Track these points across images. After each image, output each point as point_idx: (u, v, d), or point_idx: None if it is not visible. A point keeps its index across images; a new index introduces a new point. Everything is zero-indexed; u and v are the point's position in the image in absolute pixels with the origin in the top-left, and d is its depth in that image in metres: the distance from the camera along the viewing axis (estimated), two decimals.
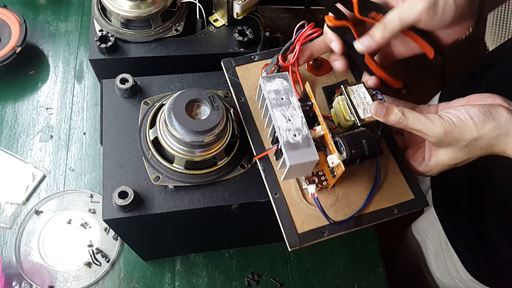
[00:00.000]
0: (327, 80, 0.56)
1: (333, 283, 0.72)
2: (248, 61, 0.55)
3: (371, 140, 0.47)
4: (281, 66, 0.51)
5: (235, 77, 0.53)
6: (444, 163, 0.48)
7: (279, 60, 0.51)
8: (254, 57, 0.55)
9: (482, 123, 0.43)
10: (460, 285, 0.75)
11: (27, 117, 0.80)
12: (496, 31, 1.38)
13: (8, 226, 0.71)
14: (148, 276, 0.70)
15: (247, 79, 0.54)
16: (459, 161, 0.47)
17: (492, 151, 0.45)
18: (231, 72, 0.54)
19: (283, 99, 0.46)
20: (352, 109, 0.48)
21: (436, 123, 0.44)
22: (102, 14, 0.64)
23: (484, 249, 0.65)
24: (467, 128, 0.44)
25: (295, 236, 0.46)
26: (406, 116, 0.45)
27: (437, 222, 0.73)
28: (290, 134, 0.43)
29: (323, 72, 0.56)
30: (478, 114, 0.44)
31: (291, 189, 0.48)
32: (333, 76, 0.56)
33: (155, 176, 0.49)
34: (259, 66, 0.55)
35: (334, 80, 0.56)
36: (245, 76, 0.54)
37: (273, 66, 0.52)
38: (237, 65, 0.54)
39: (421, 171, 0.51)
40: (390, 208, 0.49)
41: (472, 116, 0.44)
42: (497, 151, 0.45)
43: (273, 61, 0.52)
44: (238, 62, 0.55)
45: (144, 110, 0.53)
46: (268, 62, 0.54)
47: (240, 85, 0.53)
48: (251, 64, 0.55)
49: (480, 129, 0.43)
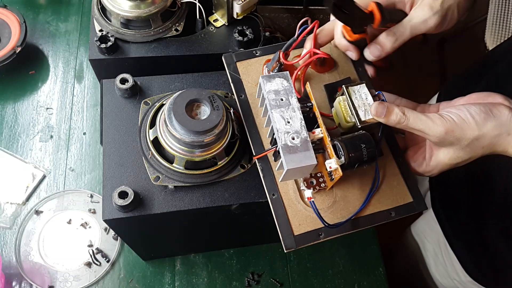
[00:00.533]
0: (330, 78, 0.55)
1: (333, 283, 0.72)
2: (249, 56, 0.54)
3: (371, 144, 0.46)
4: (282, 63, 0.51)
5: (236, 73, 0.53)
6: (445, 162, 0.47)
7: (280, 57, 0.50)
8: (256, 52, 0.54)
9: (483, 121, 0.43)
10: (459, 287, 0.75)
11: (27, 117, 0.80)
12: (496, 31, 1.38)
13: (8, 226, 0.71)
14: (148, 276, 0.70)
15: (248, 75, 0.53)
16: (460, 160, 0.46)
17: (494, 150, 0.45)
18: (232, 68, 0.53)
19: (283, 100, 0.45)
20: (353, 110, 0.47)
21: (437, 122, 0.44)
22: (102, 14, 0.64)
23: (483, 250, 0.65)
24: (469, 127, 0.43)
25: (291, 238, 0.46)
26: (406, 116, 0.45)
27: (435, 224, 0.73)
28: (289, 137, 0.43)
29: (326, 69, 0.55)
30: (479, 113, 0.43)
31: (289, 190, 0.48)
32: (335, 73, 0.55)
33: (155, 176, 0.49)
34: (261, 62, 0.54)
35: (337, 77, 0.55)
36: (246, 72, 0.53)
37: (275, 63, 0.51)
38: (239, 60, 0.54)
39: (421, 171, 0.51)
40: (388, 210, 0.49)
41: (473, 115, 0.43)
42: (498, 150, 0.44)
43: (275, 58, 0.51)
44: (239, 57, 0.54)
45: (144, 110, 0.53)
46: (270, 58, 0.54)
47: (241, 81, 0.52)
48: (252, 60, 0.54)
49: (482, 127, 0.43)
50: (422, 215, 0.89)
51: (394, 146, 0.52)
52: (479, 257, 0.67)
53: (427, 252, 0.84)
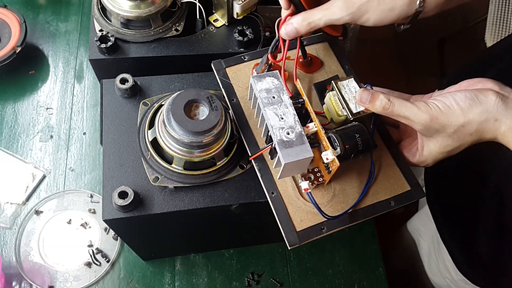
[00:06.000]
0: (318, 77, 0.56)
1: (333, 283, 0.72)
2: (238, 61, 0.55)
3: (365, 134, 0.47)
4: (271, 65, 0.52)
5: (226, 78, 0.53)
6: (437, 151, 0.47)
7: (269, 58, 0.51)
8: (244, 57, 0.55)
9: (468, 108, 0.43)
10: (451, 285, 0.75)
11: (27, 117, 0.80)
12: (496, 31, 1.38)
13: (8, 226, 0.71)
14: (148, 276, 0.70)
15: (238, 79, 0.54)
16: (450, 148, 0.46)
17: (483, 137, 0.44)
18: (221, 74, 0.54)
19: (275, 97, 0.46)
20: (344, 104, 0.48)
21: (422, 109, 0.44)
22: (102, 14, 0.64)
23: (476, 247, 0.65)
24: (453, 114, 0.43)
25: (294, 234, 0.46)
26: (392, 102, 0.45)
27: (430, 222, 0.73)
28: (284, 133, 0.43)
29: (313, 69, 0.56)
30: (464, 99, 0.43)
31: (288, 188, 0.48)
32: (323, 72, 0.56)
33: (154, 176, 0.49)
34: (250, 66, 0.55)
35: (325, 76, 0.56)
36: (236, 76, 0.54)
37: (263, 65, 0.52)
38: (228, 66, 0.54)
39: (415, 162, 0.51)
40: (387, 200, 0.49)
41: (458, 102, 0.43)
42: (488, 137, 0.44)
43: (263, 60, 0.52)
44: (228, 63, 0.55)
45: (143, 111, 0.53)
46: (258, 62, 0.54)
47: (231, 86, 0.53)
48: (241, 65, 0.55)
49: (467, 114, 0.43)
50: (417, 212, 0.89)
51: (387, 138, 0.53)
52: (471, 254, 0.67)
53: (421, 250, 0.84)
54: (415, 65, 1.89)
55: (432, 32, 1.90)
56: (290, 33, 0.49)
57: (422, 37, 1.92)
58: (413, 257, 0.88)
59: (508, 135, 0.43)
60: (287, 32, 0.49)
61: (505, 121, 0.42)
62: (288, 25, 0.49)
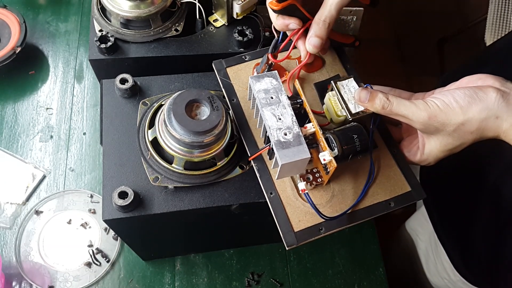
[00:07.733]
0: (319, 76, 0.56)
1: (333, 283, 0.72)
2: (239, 61, 0.55)
3: (363, 135, 0.47)
4: (272, 64, 0.51)
5: (227, 78, 0.53)
6: (438, 149, 0.47)
7: (269, 58, 0.51)
8: (245, 57, 0.55)
9: (467, 106, 0.42)
10: (449, 285, 0.75)
11: (27, 117, 0.80)
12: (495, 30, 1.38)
13: (8, 226, 0.71)
14: (148, 276, 0.70)
15: (238, 79, 0.54)
16: (451, 147, 0.45)
17: (485, 135, 0.43)
18: (222, 74, 0.54)
19: (273, 98, 0.46)
20: (343, 104, 0.48)
21: (421, 107, 0.43)
22: (102, 14, 0.64)
23: (473, 247, 0.65)
24: (452, 112, 0.42)
25: (291, 235, 0.46)
26: (390, 101, 0.44)
27: (427, 223, 0.73)
28: (281, 133, 0.43)
29: (314, 68, 0.56)
30: (464, 97, 0.42)
31: (286, 188, 0.48)
32: (324, 72, 0.56)
33: (154, 176, 0.49)
34: (250, 66, 0.55)
35: (326, 75, 0.56)
36: (236, 76, 0.54)
37: (264, 65, 0.52)
38: (228, 66, 0.54)
39: (416, 161, 0.50)
40: (387, 201, 0.49)
41: (457, 100, 0.42)
42: (490, 135, 0.43)
43: (263, 60, 0.52)
44: (229, 63, 0.54)
45: (143, 111, 0.53)
46: (259, 62, 0.54)
47: (231, 86, 0.53)
48: (242, 65, 0.55)
49: (466, 112, 0.42)
50: (415, 212, 0.89)
51: (388, 138, 0.53)
52: (469, 254, 0.66)
53: (419, 250, 0.84)
54: (415, 65, 1.89)
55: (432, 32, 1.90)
56: (317, 44, 0.48)
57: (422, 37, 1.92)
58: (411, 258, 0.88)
59: (510, 132, 0.42)
60: (314, 44, 0.48)
61: (507, 118, 0.41)
62: (310, 39, 0.48)
